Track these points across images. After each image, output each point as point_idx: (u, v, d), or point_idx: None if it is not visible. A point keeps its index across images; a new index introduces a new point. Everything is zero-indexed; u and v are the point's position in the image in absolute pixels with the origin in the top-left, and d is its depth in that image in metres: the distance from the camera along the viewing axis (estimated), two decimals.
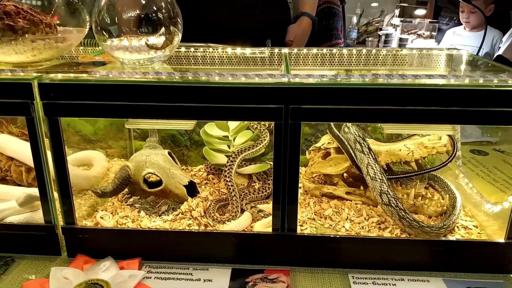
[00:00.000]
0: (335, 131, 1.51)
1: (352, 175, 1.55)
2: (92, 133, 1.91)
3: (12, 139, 1.50)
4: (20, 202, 1.26)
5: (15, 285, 1.14)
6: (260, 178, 1.68)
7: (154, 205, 1.46)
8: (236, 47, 1.58)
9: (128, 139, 1.87)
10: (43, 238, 1.24)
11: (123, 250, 1.24)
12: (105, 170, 1.69)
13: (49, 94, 1.09)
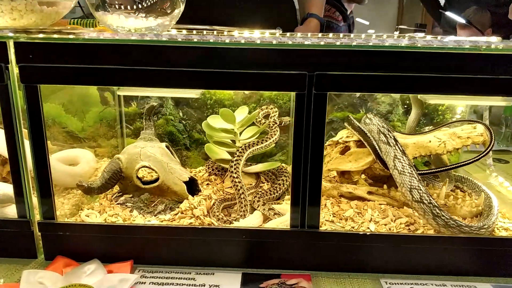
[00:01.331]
0: (354, 122, 1.34)
1: (371, 175, 1.37)
2: (79, 130, 1.71)
3: None
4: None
5: None
6: (268, 179, 1.49)
7: (149, 204, 1.26)
8: (243, 30, 1.42)
9: (120, 136, 1.68)
10: (16, 236, 1.04)
11: (112, 252, 1.04)
12: (92, 170, 1.49)
13: (27, 56, 0.90)
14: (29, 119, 0.95)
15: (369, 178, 1.41)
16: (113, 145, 1.73)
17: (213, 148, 1.50)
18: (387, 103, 1.60)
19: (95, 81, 0.92)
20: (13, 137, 0.96)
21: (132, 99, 1.63)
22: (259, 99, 1.59)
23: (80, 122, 1.69)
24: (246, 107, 1.45)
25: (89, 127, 1.71)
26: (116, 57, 0.89)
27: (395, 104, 1.60)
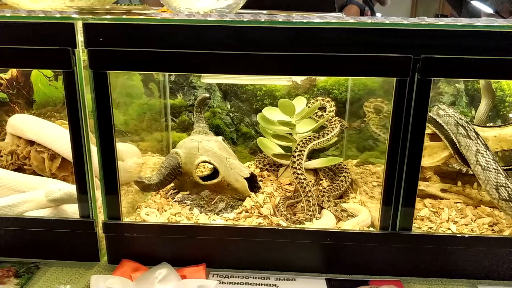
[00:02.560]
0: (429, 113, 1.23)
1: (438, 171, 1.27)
2: (122, 123, 1.62)
3: (32, 118, 1.22)
4: (52, 198, 0.97)
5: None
6: (326, 175, 1.40)
7: (208, 201, 1.17)
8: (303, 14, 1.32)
9: (165, 130, 1.59)
10: (78, 237, 0.95)
11: (179, 254, 0.95)
12: (137, 166, 1.40)
13: (97, 40, 0.81)
14: (96, 110, 0.86)
15: (435, 174, 1.31)
16: (158, 139, 1.64)
17: (265, 142, 1.41)
18: (450, 94, 1.50)
19: (172, 67, 0.83)
20: (78, 129, 0.87)
21: (178, 90, 1.53)
22: (312, 90, 1.49)
23: (122, 115, 1.60)
24: (304, 98, 1.35)
25: (132, 120, 1.61)
26: (195, 40, 0.80)
27: (458, 94, 1.49)
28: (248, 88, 1.50)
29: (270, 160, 1.46)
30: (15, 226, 0.95)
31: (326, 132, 1.30)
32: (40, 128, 1.16)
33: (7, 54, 0.83)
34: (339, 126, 1.32)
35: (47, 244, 0.97)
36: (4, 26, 0.82)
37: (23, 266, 0.95)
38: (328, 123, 1.32)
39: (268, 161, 1.46)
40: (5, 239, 0.97)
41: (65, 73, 0.84)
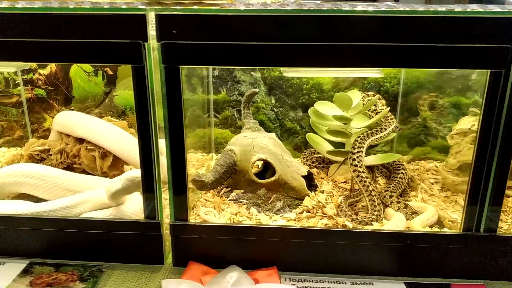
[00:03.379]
0: None
1: None
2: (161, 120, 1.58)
3: (82, 115, 1.18)
4: (115, 190, 0.92)
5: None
6: (380, 173, 1.35)
7: (266, 200, 1.12)
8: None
9: (207, 126, 1.54)
10: (142, 239, 0.91)
11: (247, 256, 0.91)
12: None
13: (171, 32, 0.76)
14: (168, 108, 0.81)
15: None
16: (200, 136, 1.59)
17: (315, 138, 1.36)
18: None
19: (251, 61, 0.78)
20: (147, 128, 0.83)
21: (222, 85, 1.48)
22: (363, 83, 1.44)
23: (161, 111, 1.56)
24: (358, 92, 1.30)
25: None
26: (276, 32, 0.75)
27: None
28: (295, 82, 1.45)
29: (318, 156, 1.41)
30: (77, 228, 0.92)
31: (384, 127, 1.25)
32: (91, 125, 1.12)
33: (72, 48, 0.79)
34: (395, 124, 1.27)
35: (110, 246, 0.93)
36: (69, 19, 0.77)
37: (85, 269, 0.91)
38: (384, 119, 1.27)
39: (316, 158, 1.41)
40: (66, 242, 0.93)
41: (135, 68, 0.79)
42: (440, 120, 1.47)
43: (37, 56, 0.80)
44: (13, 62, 0.81)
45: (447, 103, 1.43)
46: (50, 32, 0.78)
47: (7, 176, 1.04)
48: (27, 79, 1.52)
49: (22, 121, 1.58)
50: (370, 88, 1.44)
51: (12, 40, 0.78)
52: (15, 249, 0.94)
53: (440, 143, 1.46)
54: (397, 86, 1.43)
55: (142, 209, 1.04)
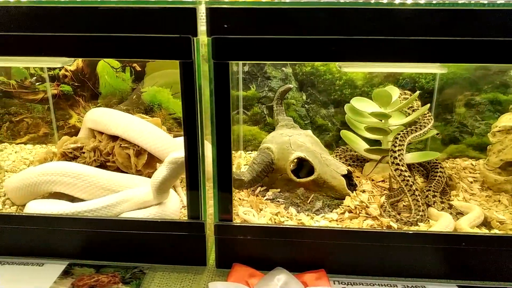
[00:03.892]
0: None
1: None
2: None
3: (117, 112, 1.15)
4: (160, 180, 0.89)
5: None
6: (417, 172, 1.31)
7: (304, 200, 1.09)
8: None
9: (236, 123, 1.51)
10: (185, 240, 0.88)
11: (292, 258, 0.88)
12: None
13: (222, 26, 0.73)
14: (215, 104, 0.78)
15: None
16: None
17: (349, 135, 1.33)
18: None
19: (307, 55, 0.74)
20: (193, 126, 0.80)
21: (252, 81, 1.45)
22: (397, 78, 1.40)
23: None
24: (396, 88, 1.26)
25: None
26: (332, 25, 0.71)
27: None
28: (327, 78, 1.41)
29: (352, 154, 1.38)
30: (118, 228, 0.89)
31: (423, 124, 1.21)
32: (126, 123, 1.09)
33: (118, 43, 0.76)
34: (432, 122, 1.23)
35: (151, 247, 0.90)
36: (114, 12, 0.74)
37: (126, 271, 0.89)
38: (421, 116, 1.23)
39: (350, 155, 1.38)
40: (106, 242, 0.90)
41: (183, 64, 0.76)
42: (476, 117, 1.43)
43: (81, 52, 0.77)
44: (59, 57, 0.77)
45: (484, 99, 1.39)
46: (96, 26, 0.75)
47: (42, 175, 1.02)
48: (53, 75, 1.50)
49: (47, 117, 1.55)
50: (404, 84, 1.40)
51: (58, 34, 0.75)
52: (53, 250, 0.92)
53: (475, 141, 1.42)
54: (432, 82, 1.39)
55: (181, 208, 1.02)
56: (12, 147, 1.56)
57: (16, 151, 1.52)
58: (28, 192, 1.05)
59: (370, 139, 1.29)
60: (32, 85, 1.52)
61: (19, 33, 0.76)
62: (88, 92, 1.52)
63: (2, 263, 0.92)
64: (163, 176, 0.89)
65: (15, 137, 1.58)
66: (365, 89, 1.41)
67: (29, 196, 1.06)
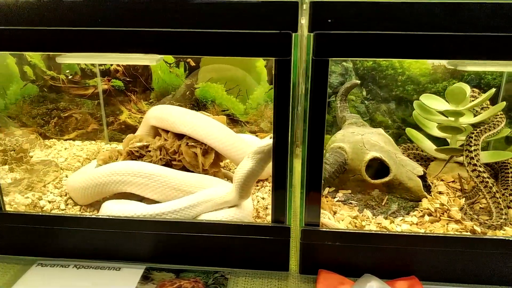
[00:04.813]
0: None
1: None
2: (241, 113, 1.52)
3: (183, 110, 1.11)
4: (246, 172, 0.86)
5: None
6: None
7: (379, 202, 1.05)
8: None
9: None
10: (268, 244, 0.84)
11: (380, 264, 0.84)
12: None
13: (325, 22, 0.68)
14: (311, 104, 0.74)
15: None
16: None
17: (415, 133, 1.28)
18: None
19: (415, 52, 0.70)
20: (286, 125, 0.76)
21: None
22: (462, 75, 1.34)
23: (242, 104, 1.49)
24: (467, 85, 1.20)
25: (252, 110, 1.50)
26: (445, 20, 0.66)
27: None
28: (389, 73, 1.36)
29: (415, 152, 1.33)
30: (198, 231, 0.86)
31: (496, 123, 1.16)
32: (194, 121, 1.06)
33: (209, 40, 0.72)
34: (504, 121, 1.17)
35: (232, 251, 0.87)
36: (203, 7, 0.70)
37: (208, 276, 0.86)
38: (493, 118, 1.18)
39: (413, 154, 1.33)
40: (185, 246, 0.87)
41: (279, 62, 0.72)
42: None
43: (172, 48, 0.73)
44: (148, 54, 0.74)
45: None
46: (188, 21, 0.71)
47: (112, 175, 0.99)
48: (104, 70, 1.47)
49: (97, 113, 1.53)
50: (469, 81, 1.34)
51: (150, 30, 0.71)
52: (130, 253, 0.89)
53: None
54: (499, 79, 1.33)
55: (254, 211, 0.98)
56: (61, 143, 1.53)
57: (65, 148, 1.50)
58: (95, 192, 1.02)
59: (434, 138, 1.24)
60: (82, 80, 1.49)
61: (109, 28, 0.72)
62: (140, 88, 1.49)
63: (78, 266, 0.89)
64: (249, 168, 0.85)
65: (63, 133, 1.56)
66: (429, 85, 1.36)
67: (95, 196, 1.04)
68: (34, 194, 1.10)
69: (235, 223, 0.87)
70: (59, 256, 0.92)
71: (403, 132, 1.40)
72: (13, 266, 0.90)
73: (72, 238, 0.89)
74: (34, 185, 1.14)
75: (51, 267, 0.90)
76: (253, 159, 0.85)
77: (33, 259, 0.92)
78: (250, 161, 0.86)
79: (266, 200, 1.12)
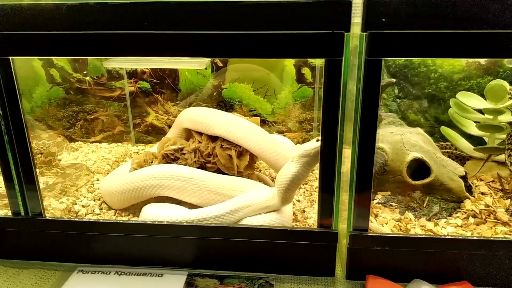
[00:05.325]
0: None
1: None
2: (268, 113, 1.50)
3: (217, 112, 1.09)
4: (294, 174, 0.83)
5: None
6: None
7: (420, 204, 1.02)
8: None
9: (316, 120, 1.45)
10: (314, 250, 0.82)
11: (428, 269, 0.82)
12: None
13: (380, 20, 0.66)
14: (362, 105, 0.72)
15: None
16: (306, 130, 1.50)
17: (450, 132, 1.25)
18: None
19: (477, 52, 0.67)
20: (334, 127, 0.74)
21: None
22: (497, 71, 1.30)
23: (269, 104, 1.47)
24: (505, 82, 1.17)
25: (279, 110, 1.48)
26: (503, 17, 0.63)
27: None
28: (421, 70, 1.33)
29: (448, 151, 1.30)
30: (241, 236, 0.84)
31: None
32: (230, 123, 1.04)
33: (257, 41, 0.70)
34: None
35: (275, 256, 0.85)
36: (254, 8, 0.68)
37: (252, 282, 0.84)
38: None
39: (447, 153, 1.30)
40: (228, 252, 0.85)
41: (330, 62, 0.70)
42: None
43: (221, 51, 0.71)
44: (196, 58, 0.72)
45: None
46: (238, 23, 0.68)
47: (149, 178, 0.97)
48: (130, 72, 1.46)
49: (123, 115, 1.51)
50: (505, 77, 1.31)
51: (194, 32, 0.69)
52: (171, 259, 0.88)
53: None
54: None
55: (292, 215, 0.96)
56: (87, 145, 1.52)
57: (92, 150, 1.49)
58: (132, 197, 1.00)
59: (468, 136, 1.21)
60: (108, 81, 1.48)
61: (153, 32, 0.70)
62: (167, 89, 1.47)
63: (120, 273, 0.88)
64: (294, 172, 0.83)
65: (89, 136, 1.55)
66: (463, 82, 1.33)
67: (132, 201, 1.02)
68: (68, 199, 1.09)
69: (281, 228, 0.85)
70: (99, 262, 0.90)
71: (435, 131, 1.37)
72: (54, 273, 0.89)
73: (112, 244, 0.88)
74: (67, 190, 1.13)
75: (92, 274, 0.88)
76: (298, 162, 0.83)
77: (73, 265, 0.91)
78: (294, 165, 0.83)
79: (302, 202, 1.10)
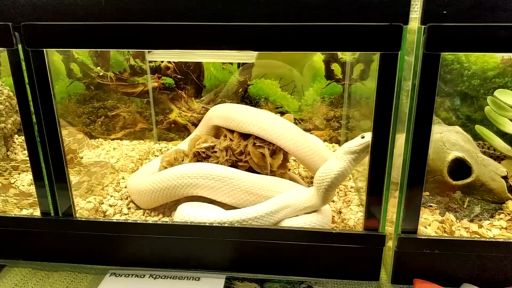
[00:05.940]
0: None
1: None
2: (295, 110, 1.46)
3: (249, 108, 1.06)
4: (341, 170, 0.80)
5: None
6: None
7: (461, 204, 0.98)
8: None
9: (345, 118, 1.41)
10: (358, 253, 0.79)
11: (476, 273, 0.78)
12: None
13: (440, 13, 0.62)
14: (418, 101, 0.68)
15: None
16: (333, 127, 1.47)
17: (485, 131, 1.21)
18: None
19: None
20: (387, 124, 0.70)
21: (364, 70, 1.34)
22: None
23: (297, 101, 1.44)
24: None
25: (307, 107, 1.45)
26: None
27: None
28: (454, 67, 1.29)
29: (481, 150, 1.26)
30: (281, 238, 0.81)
31: None
32: (264, 120, 1.00)
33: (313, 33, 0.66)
34: None
35: (318, 260, 0.81)
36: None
37: (293, 286, 0.81)
38: None
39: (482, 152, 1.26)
40: (267, 254, 0.82)
41: (385, 56, 0.66)
42: None
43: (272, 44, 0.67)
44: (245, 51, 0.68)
45: None
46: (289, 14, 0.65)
47: (181, 177, 0.94)
48: (154, 67, 1.42)
49: (145, 112, 1.48)
50: None
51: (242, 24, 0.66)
52: (208, 262, 0.84)
53: None
54: None
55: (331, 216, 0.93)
56: (108, 143, 1.49)
57: (114, 148, 1.46)
58: (163, 196, 0.97)
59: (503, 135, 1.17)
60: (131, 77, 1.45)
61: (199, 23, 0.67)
62: (192, 85, 1.44)
63: (154, 276, 0.85)
64: (339, 170, 0.79)
65: (110, 133, 1.52)
66: (497, 79, 1.28)
67: (162, 200, 0.99)
68: (95, 198, 1.06)
69: (325, 230, 0.81)
70: (131, 264, 0.87)
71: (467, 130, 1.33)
72: (85, 276, 0.86)
73: (145, 246, 0.85)
74: (93, 188, 1.10)
75: (126, 277, 0.85)
76: (343, 160, 0.79)
77: (103, 268, 0.88)
78: (339, 162, 0.80)
79: (337, 203, 1.07)
